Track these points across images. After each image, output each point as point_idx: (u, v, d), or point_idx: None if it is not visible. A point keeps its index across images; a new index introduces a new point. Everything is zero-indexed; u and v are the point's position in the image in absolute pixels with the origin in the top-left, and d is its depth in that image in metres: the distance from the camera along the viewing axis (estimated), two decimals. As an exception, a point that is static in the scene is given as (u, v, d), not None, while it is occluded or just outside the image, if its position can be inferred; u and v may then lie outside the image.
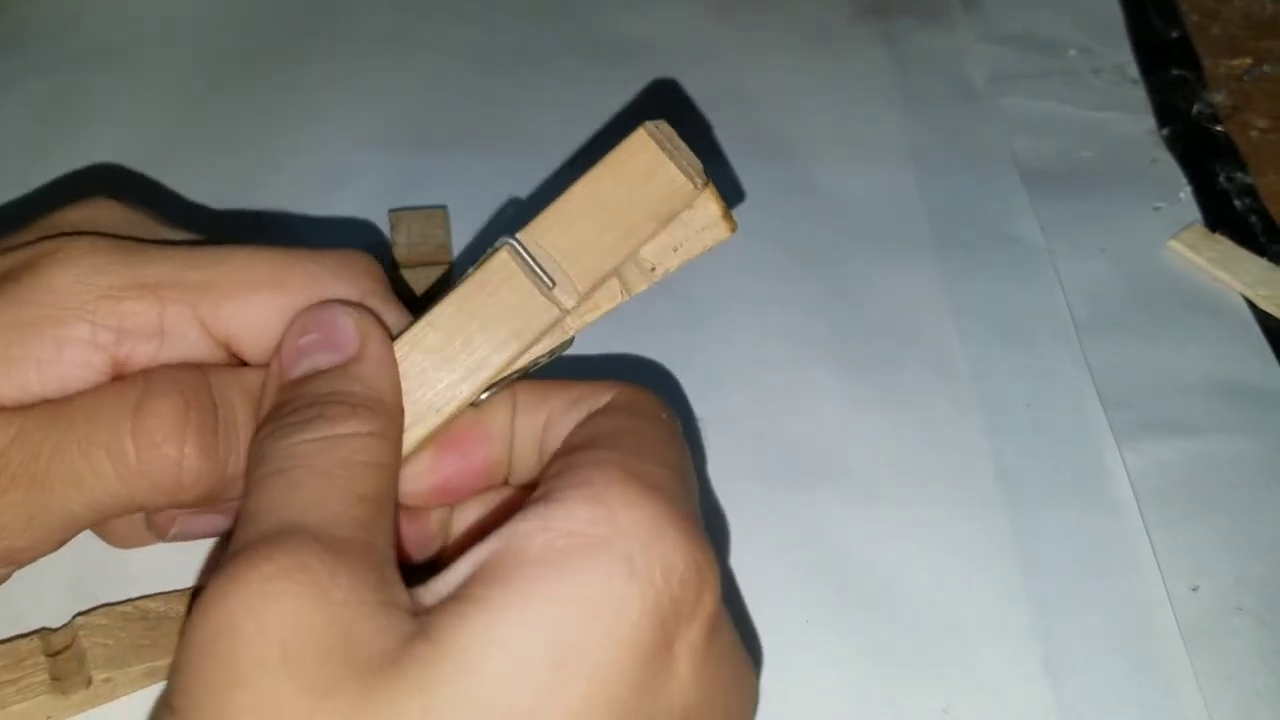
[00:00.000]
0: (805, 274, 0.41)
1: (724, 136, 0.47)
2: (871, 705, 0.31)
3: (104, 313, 0.26)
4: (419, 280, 0.40)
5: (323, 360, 0.26)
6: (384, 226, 0.42)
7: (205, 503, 0.27)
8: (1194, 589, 0.33)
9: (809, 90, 0.49)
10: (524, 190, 0.44)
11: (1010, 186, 0.44)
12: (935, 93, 0.48)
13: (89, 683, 0.29)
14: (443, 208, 0.43)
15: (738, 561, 0.34)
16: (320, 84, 0.49)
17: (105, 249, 0.27)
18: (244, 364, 0.28)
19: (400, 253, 0.41)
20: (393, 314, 0.28)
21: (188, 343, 0.27)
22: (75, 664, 0.29)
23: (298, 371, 0.26)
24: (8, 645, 0.30)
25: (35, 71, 0.49)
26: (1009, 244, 0.42)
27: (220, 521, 0.29)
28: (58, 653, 0.30)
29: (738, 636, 0.25)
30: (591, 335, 0.39)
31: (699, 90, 0.49)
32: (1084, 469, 0.36)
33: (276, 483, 0.23)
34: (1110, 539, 0.34)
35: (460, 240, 0.42)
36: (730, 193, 0.44)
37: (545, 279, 0.26)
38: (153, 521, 0.29)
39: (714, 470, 0.36)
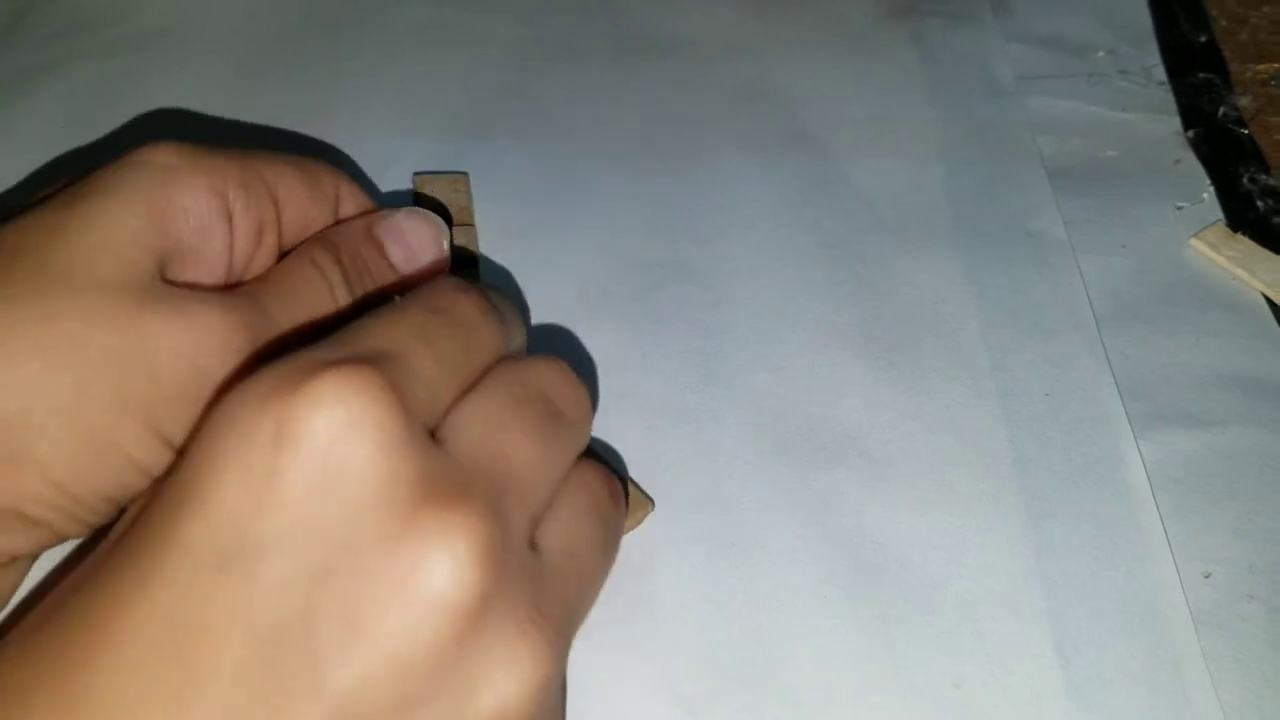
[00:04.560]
0: (831, 263, 0.42)
1: (755, 129, 0.47)
2: (885, 678, 0.32)
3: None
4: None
5: None
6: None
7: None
8: (1206, 576, 0.34)
9: (839, 87, 0.49)
10: (555, 179, 0.45)
11: (1035, 183, 0.45)
12: (963, 91, 0.49)
13: None
14: (464, 174, 0.44)
15: (758, 538, 0.34)
16: (359, 73, 0.50)
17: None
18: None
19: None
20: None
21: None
22: None
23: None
24: None
25: (86, 55, 0.50)
26: (1032, 239, 0.43)
27: None
28: None
29: None
30: (619, 318, 0.40)
31: (731, 84, 0.49)
32: (1100, 458, 0.36)
33: None
34: (1124, 525, 0.35)
35: (487, 214, 0.43)
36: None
37: None
38: None
39: (737, 450, 0.37)
